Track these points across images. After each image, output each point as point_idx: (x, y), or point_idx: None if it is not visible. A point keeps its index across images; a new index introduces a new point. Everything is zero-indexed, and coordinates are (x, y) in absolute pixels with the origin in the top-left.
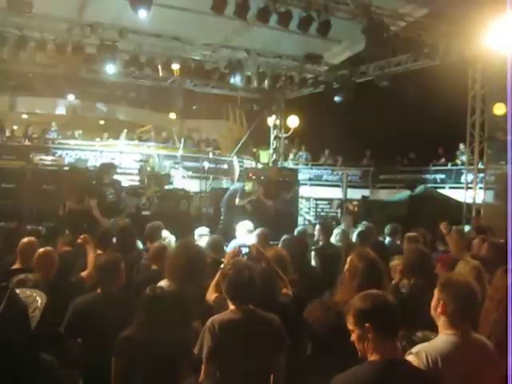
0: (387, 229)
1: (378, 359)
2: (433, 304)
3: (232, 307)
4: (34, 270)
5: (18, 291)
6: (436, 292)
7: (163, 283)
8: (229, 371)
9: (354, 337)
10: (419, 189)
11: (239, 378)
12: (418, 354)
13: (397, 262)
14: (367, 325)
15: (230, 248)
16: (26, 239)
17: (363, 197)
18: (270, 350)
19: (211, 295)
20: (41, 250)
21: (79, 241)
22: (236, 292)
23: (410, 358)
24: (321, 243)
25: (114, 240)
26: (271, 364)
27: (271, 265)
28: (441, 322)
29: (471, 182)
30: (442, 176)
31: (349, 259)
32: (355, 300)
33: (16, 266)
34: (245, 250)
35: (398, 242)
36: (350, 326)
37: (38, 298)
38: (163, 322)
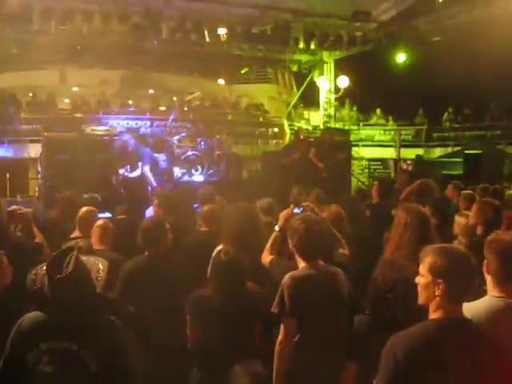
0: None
1: (441, 317)
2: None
3: (303, 264)
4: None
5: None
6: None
7: (220, 247)
8: (308, 326)
9: (419, 280)
10: (475, 145)
11: (319, 332)
12: None
13: (460, 218)
14: (439, 280)
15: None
16: (85, 208)
17: (417, 156)
18: (344, 306)
19: (266, 257)
20: (99, 221)
21: None
22: (308, 247)
23: None
24: (375, 202)
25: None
26: (345, 320)
27: (327, 224)
28: (488, 281)
29: None
30: (498, 132)
31: (396, 215)
32: (432, 251)
33: (75, 234)
34: (298, 211)
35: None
36: (422, 271)
37: (100, 264)
38: (236, 284)
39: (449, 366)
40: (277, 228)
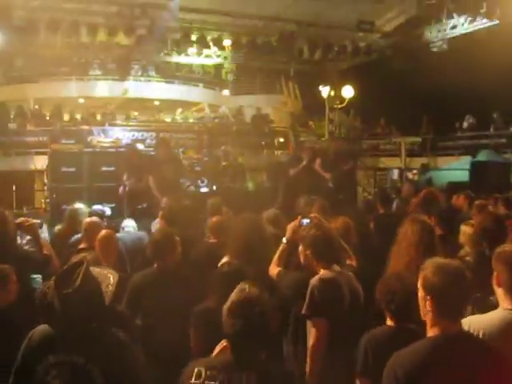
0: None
1: (436, 335)
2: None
3: (323, 271)
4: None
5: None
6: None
7: (225, 259)
8: (338, 328)
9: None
10: (481, 154)
11: (346, 334)
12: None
13: (465, 227)
14: (428, 297)
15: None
16: (89, 219)
17: (423, 165)
18: (363, 311)
19: (274, 270)
20: (103, 232)
21: None
22: (328, 251)
23: None
24: (379, 213)
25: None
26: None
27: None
28: (498, 294)
29: None
30: (504, 140)
31: (402, 227)
32: (428, 266)
33: (82, 245)
34: (306, 222)
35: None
36: (418, 286)
37: (110, 275)
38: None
39: None
40: (284, 240)
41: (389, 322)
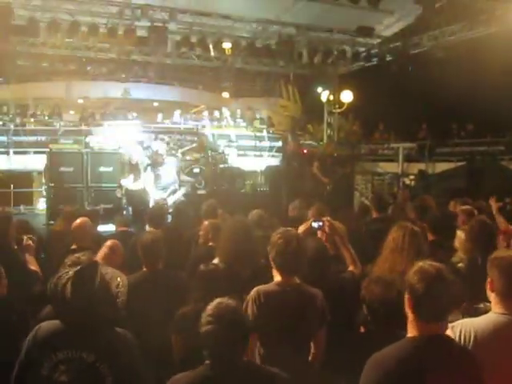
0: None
1: (415, 335)
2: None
3: (278, 278)
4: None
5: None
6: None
7: (216, 261)
8: (270, 343)
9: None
10: (478, 161)
11: (280, 349)
12: (453, 328)
13: (460, 233)
14: (408, 297)
15: None
16: (78, 220)
17: (420, 171)
18: (311, 325)
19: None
20: (108, 242)
21: None
22: (283, 262)
23: (448, 331)
24: (372, 218)
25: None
26: (311, 338)
27: (344, 240)
28: (492, 299)
29: None
30: (502, 148)
31: (390, 233)
32: (412, 269)
33: (74, 246)
34: (318, 224)
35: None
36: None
37: (118, 278)
38: (215, 297)
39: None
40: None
41: (371, 327)
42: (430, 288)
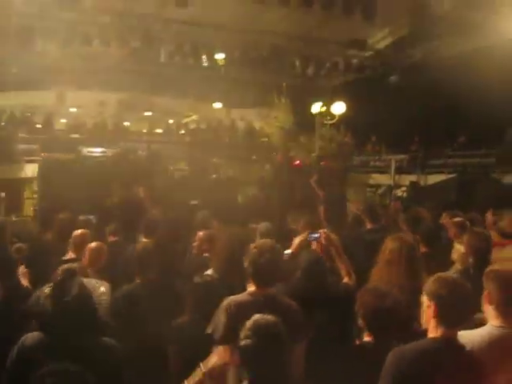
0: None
1: (437, 336)
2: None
3: (251, 289)
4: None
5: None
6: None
7: (209, 272)
8: None
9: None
10: (469, 173)
11: None
12: None
13: (458, 245)
14: (432, 303)
15: None
16: (79, 231)
17: (412, 182)
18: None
19: None
20: (92, 244)
21: None
22: (255, 272)
23: None
24: (366, 229)
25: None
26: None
27: (340, 251)
28: (489, 312)
29: None
30: (493, 160)
31: (385, 244)
32: (432, 280)
33: (69, 255)
34: (314, 236)
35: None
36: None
37: (101, 287)
38: (210, 308)
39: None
40: (287, 252)
41: (367, 338)
42: (453, 293)
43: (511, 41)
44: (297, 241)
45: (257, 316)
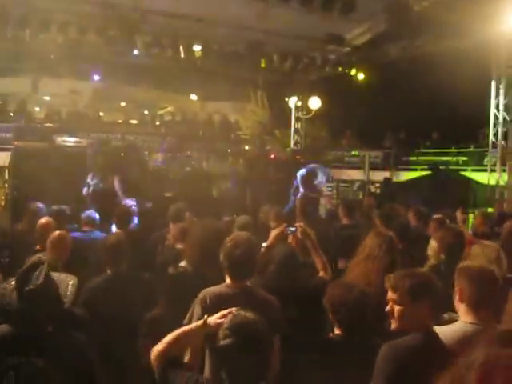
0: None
1: (426, 331)
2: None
3: (227, 281)
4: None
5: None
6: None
7: (183, 263)
8: None
9: (394, 310)
10: (442, 170)
11: None
12: None
13: (433, 241)
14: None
15: None
16: (43, 220)
17: (385, 179)
18: None
19: None
20: (55, 232)
21: None
22: (229, 265)
23: None
24: (342, 224)
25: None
26: None
27: (316, 245)
28: (461, 309)
29: (494, 165)
30: (465, 158)
31: (365, 240)
32: (403, 277)
33: (38, 246)
34: (291, 230)
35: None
36: (395, 299)
37: (69, 280)
38: (184, 300)
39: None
40: (264, 245)
41: (337, 331)
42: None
43: (484, 42)
44: (273, 234)
45: (235, 314)
